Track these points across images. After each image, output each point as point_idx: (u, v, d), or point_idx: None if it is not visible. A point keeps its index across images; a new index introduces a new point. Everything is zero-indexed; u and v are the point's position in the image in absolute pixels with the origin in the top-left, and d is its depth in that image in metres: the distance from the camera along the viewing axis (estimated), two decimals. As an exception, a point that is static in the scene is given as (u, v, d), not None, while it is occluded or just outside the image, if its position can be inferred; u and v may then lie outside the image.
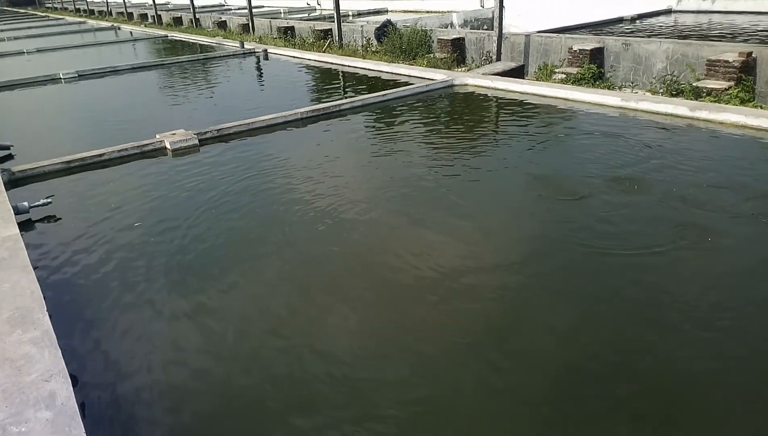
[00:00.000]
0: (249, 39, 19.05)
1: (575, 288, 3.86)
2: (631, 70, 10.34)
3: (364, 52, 14.69)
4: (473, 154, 6.58)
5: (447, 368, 3.22)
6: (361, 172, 6.32)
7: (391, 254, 4.47)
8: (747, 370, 3.03)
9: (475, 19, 20.28)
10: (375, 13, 27.00)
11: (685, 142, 6.51)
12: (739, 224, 4.45)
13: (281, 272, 4.33)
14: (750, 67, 8.56)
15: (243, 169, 6.50)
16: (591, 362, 3.19)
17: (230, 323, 3.73)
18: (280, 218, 5.18)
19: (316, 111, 8.69)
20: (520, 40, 12.34)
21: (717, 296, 3.64)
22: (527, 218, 4.98)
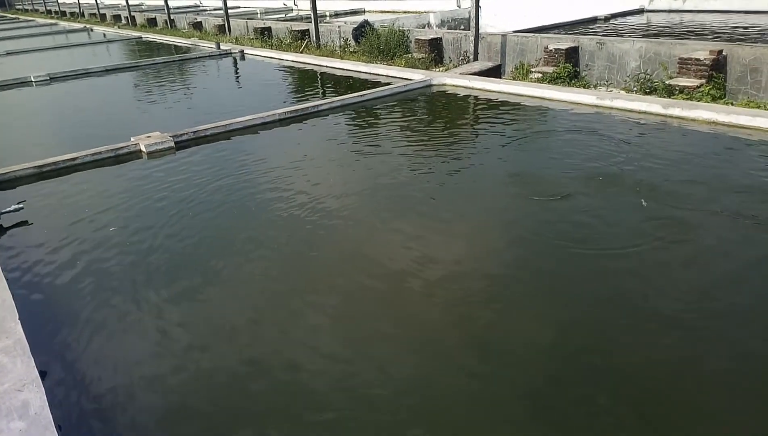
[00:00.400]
0: (225, 40, 18.87)
1: (555, 288, 3.90)
2: (606, 68, 10.49)
3: (342, 52, 14.66)
4: (452, 154, 6.60)
5: (426, 369, 3.22)
6: (339, 173, 6.30)
7: (369, 256, 4.46)
8: (726, 367, 3.09)
9: (452, 19, 20.38)
10: (352, 13, 26.96)
11: (659, 139, 6.63)
12: (714, 220, 4.54)
13: (259, 274, 4.29)
14: (721, 64, 8.75)
15: (220, 171, 6.43)
16: (571, 361, 3.21)
17: (209, 327, 3.68)
18: (257, 220, 5.14)
19: (294, 112, 8.64)
20: (497, 40, 12.44)
21: (694, 293, 3.70)
22: (506, 217, 5.01)
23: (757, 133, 6.39)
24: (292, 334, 3.58)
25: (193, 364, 3.34)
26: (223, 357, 3.39)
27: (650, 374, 3.03)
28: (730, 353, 3.16)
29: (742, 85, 8.69)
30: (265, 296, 4.02)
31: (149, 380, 3.22)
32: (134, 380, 3.22)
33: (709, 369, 3.05)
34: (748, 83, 8.63)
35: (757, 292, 3.65)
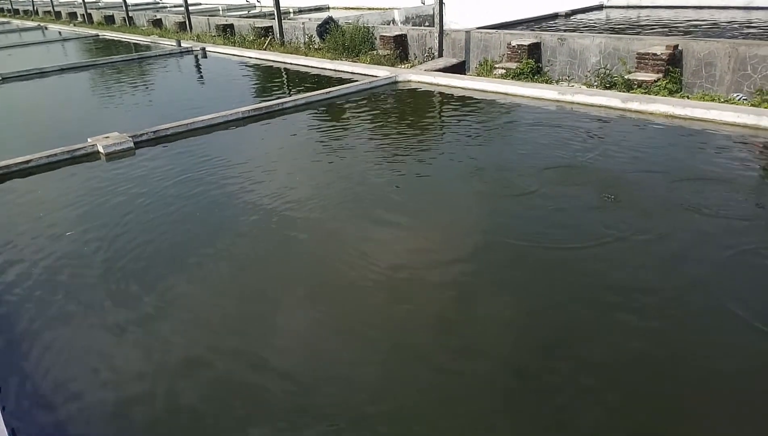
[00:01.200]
0: (186, 37, 18.49)
1: (521, 284, 3.93)
2: (567, 64, 10.66)
3: (307, 49, 14.53)
4: (418, 150, 6.61)
5: (396, 366, 3.21)
6: (305, 170, 6.23)
7: (335, 253, 4.42)
8: (688, 358, 3.17)
9: (417, 16, 20.42)
10: (316, 10, 26.74)
11: (620, 132, 6.76)
12: (673, 212, 4.65)
13: (224, 276, 4.21)
14: (677, 59, 8.99)
15: (181, 171, 6.28)
16: (539, 354, 3.25)
17: (171, 334, 3.58)
18: (221, 221, 5.04)
19: (258, 110, 8.52)
20: (461, 36, 12.50)
21: (656, 285, 3.78)
22: (472, 213, 5.04)
23: (711, 125, 6.59)
24: (258, 334, 3.51)
25: (158, 376, 3.25)
26: (185, 361, 3.31)
27: (615, 365, 3.08)
28: (693, 344, 3.24)
29: (697, 78, 8.95)
30: (230, 296, 3.95)
31: (109, 392, 3.11)
32: (93, 393, 3.11)
33: (672, 360, 3.12)
34: (702, 77, 8.89)
35: (711, 281, 3.75)
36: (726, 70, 8.63)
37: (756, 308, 3.41)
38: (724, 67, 8.63)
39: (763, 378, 2.93)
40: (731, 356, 3.08)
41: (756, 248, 4.00)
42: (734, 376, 2.95)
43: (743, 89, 8.46)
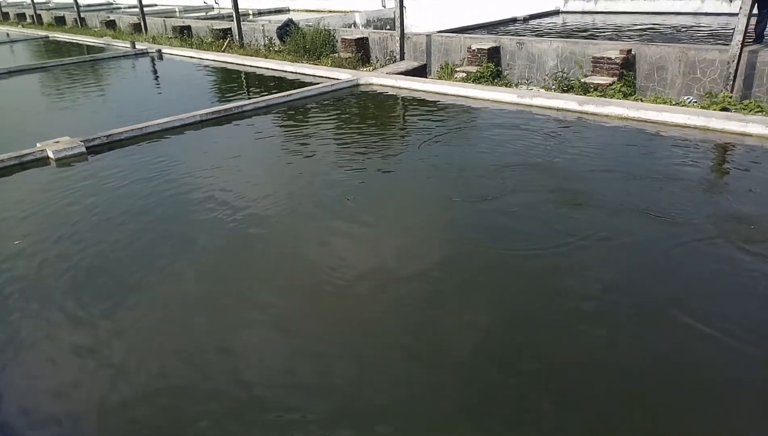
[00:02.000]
0: (141, 39, 18.00)
1: (484, 288, 3.94)
2: (526, 67, 10.84)
3: (267, 51, 14.34)
4: (379, 154, 6.58)
5: (362, 371, 3.16)
6: (265, 175, 6.12)
7: (297, 259, 4.35)
8: (648, 358, 3.23)
9: (378, 19, 20.46)
10: (276, 12, 26.49)
11: (576, 134, 6.90)
12: (628, 209, 4.75)
13: (180, 284, 4.07)
14: (630, 63, 9.26)
15: (136, 177, 6.08)
16: (505, 358, 3.26)
17: (130, 346, 3.44)
18: (178, 229, 4.89)
19: (216, 113, 8.34)
20: (422, 39, 12.58)
21: (618, 287, 3.84)
22: (434, 216, 5.03)
23: (663, 126, 6.80)
24: (223, 340, 3.41)
25: (119, 390, 3.11)
26: (157, 375, 3.18)
27: (580, 367, 3.12)
28: (653, 344, 3.30)
29: (650, 82, 9.24)
30: (187, 304, 3.82)
31: (67, 408, 2.96)
32: (48, 408, 2.95)
33: (636, 361, 3.18)
34: (655, 80, 9.18)
35: (669, 282, 3.85)
36: (677, 73, 8.94)
37: (707, 307, 3.52)
38: (675, 71, 8.94)
39: (721, 376, 3.02)
40: (693, 355, 3.15)
41: (707, 243, 4.13)
42: (694, 375, 3.02)
43: (693, 92, 8.78)
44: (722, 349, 3.15)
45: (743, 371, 3.01)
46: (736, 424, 2.71)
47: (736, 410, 2.79)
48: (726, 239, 4.20)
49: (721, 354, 3.12)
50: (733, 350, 3.13)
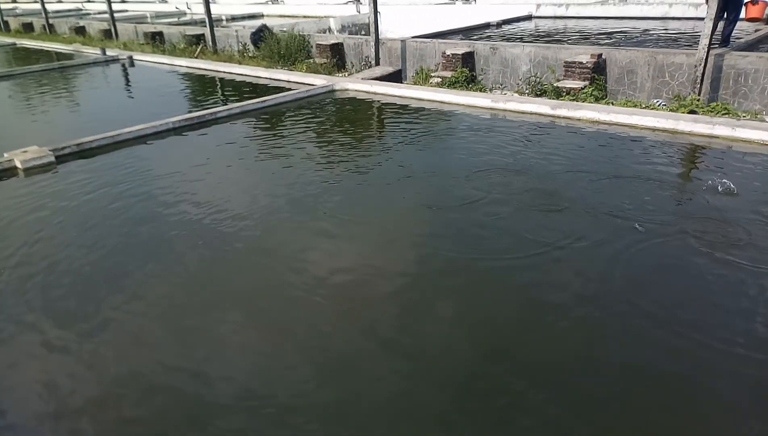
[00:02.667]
0: (112, 45, 17.70)
1: (461, 294, 3.95)
2: (500, 72, 10.96)
3: (241, 57, 14.24)
4: (355, 159, 6.57)
5: (340, 376, 3.14)
6: (239, 182, 6.06)
7: (273, 265, 4.31)
8: (625, 359, 3.27)
9: (353, 24, 20.48)
10: (250, 17, 26.31)
11: (549, 138, 6.98)
12: (601, 212, 4.82)
13: (154, 294, 3.99)
14: (601, 67, 9.43)
15: (107, 186, 5.96)
16: (482, 362, 3.27)
17: (105, 362, 3.36)
18: (151, 237, 4.80)
19: (190, 120, 8.23)
20: (397, 45, 12.63)
21: (592, 292, 3.89)
22: (410, 222, 5.03)
23: (633, 130, 6.93)
24: (198, 349, 3.35)
25: (96, 409, 3.03)
26: (134, 389, 3.11)
27: (554, 369, 3.14)
28: (630, 345, 3.35)
29: (620, 85, 9.42)
30: (161, 316, 3.75)
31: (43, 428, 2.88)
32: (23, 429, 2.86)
33: (614, 361, 3.22)
34: (625, 84, 9.37)
35: (639, 284, 3.92)
36: (646, 77, 9.13)
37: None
38: (645, 75, 9.13)
39: (693, 380, 3.07)
40: (663, 357, 3.20)
41: (669, 241, 4.22)
42: (668, 378, 3.07)
43: (662, 95, 8.98)
44: (694, 351, 3.21)
45: (720, 377, 3.07)
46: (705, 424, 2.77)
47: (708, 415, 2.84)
48: (695, 238, 4.29)
49: (692, 356, 3.18)
50: (703, 352, 3.20)
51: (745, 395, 2.89)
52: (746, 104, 8.26)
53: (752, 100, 8.23)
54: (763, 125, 6.50)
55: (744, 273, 3.82)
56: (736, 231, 4.39)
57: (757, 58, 8.20)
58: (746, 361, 3.08)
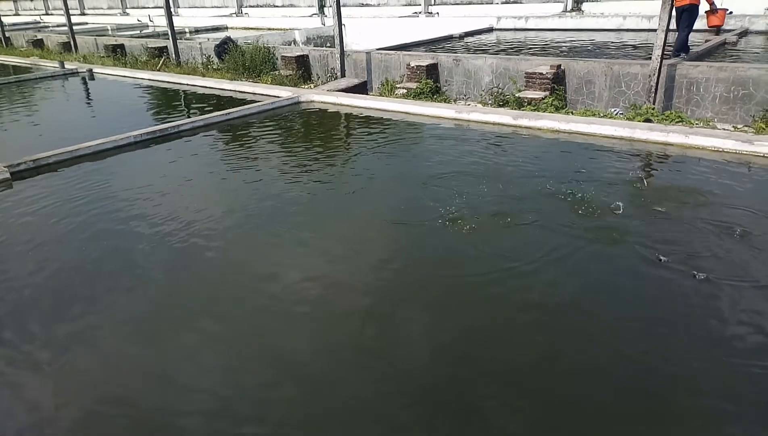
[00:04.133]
0: (71, 58, 17.33)
1: (431, 310, 3.99)
2: (464, 83, 11.15)
3: (205, 69, 14.12)
4: (321, 171, 6.57)
5: (314, 385, 3.12)
6: (203, 195, 5.98)
7: (241, 279, 4.26)
8: (594, 365, 3.35)
9: (318, 37, 20.54)
10: (214, 29, 26.13)
11: (511, 147, 7.12)
12: (562, 222, 4.94)
13: (119, 312, 3.90)
14: (560, 78, 9.69)
15: (67, 203, 5.81)
16: (450, 372, 3.30)
17: (58, 384, 3.26)
18: (116, 256, 4.69)
19: (152, 133, 8.10)
20: (362, 57, 12.72)
21: (559, 303, 3.98)
22: (376, 234, 5.06)
23: (592, 138, 7.12)
24: (170, 366, 3.28)
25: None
26: (78, 405, 3.02)
27: (521, 376, 3.19)
28: (596, 351, 3.43)
29: (579, 95, 9.69)
30: (129, 336, 3.66)
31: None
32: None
33: (588, 368, 3.29)
34: (584, 94, 9.64)
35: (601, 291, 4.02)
36: (604, 87, 9.42)
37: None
38: (602, 85, 9.42)
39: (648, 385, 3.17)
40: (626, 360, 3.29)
41: (617, 247, 4.35)
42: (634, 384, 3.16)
43: (619, 104, 9.27)
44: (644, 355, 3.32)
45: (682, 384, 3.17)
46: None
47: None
48: (645, 246, 4.44)
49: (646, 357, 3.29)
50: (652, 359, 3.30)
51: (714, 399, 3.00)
52: (699, 112, 8.59)
53: (704, 108, 8.57)
54: (715, 133, 6.77)
55: (690, 281, 3.96)
56: (689, 232, 4.55)
57: (707, 67, 8.56)
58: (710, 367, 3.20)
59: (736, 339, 3.35)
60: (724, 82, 8.31)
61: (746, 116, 8.20)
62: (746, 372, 3.08)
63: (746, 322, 3.49)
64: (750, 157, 6.13)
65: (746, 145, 6.23)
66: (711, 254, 4.21)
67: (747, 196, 5.22)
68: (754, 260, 4.11)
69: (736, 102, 8.28)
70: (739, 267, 4.04)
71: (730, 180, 5.59)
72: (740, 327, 3.45)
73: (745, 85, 8.14)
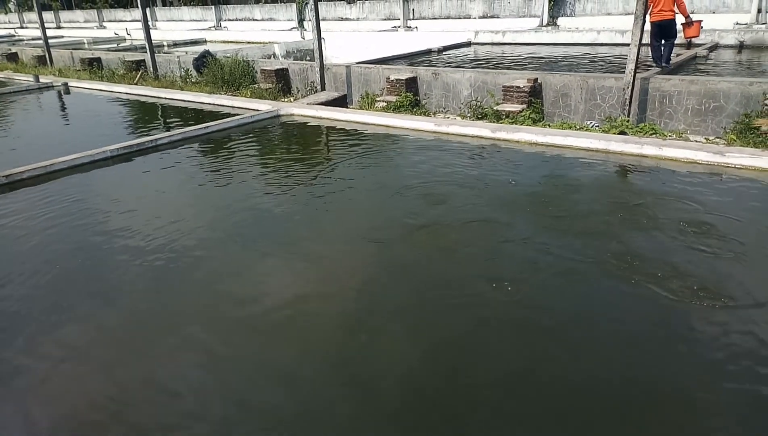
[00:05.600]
0: (46, 72, 17.09)
1: (407, 323, 3.98)
2: (443, 96, 11.25)
3: (183, 83, 14.03)
4: (301, 186, 6.54)
5: (293, 400, 3.08)
6: (180, 210, 5.91)
7: (218, 294, 4.21)
8: (560, 374, 3.37)
9: (298, 50, 20.60)
10: (192, 43, 26.03)
11: (490, 159, 7.19)
12: (536, 237, 4.99)
13: (94, 332, 3.82)
14: (537, 91, 9.83)
15: (40, 219, 5.69)
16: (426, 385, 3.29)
17: (33, 407, 3.17)
18: (92, 275, 4.59)
19: (129, 147, 8.00)
20: (342, 70, 12.77)
21: (527, 315, 4.00)
22: (354, 247, 5.04)
23: (569, 150, 7.23)
24: (147, 387, 3.21)
25: None
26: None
27: (501, 383, 3.20)
28: (561, 360, 3.45)
29: (556, 108, 9.84)
30: (104, 356, 3.58)
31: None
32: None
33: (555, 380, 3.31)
34: (560, 106, 9.79)
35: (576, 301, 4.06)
36: (579, 100, 9.58)
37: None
38: (578, 98, 9.58)
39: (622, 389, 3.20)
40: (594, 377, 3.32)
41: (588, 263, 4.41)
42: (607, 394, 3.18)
43: (595, 117, 9.44)
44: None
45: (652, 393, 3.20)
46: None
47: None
48: (618, 263, 4.50)
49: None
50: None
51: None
52: (672, 124, 8.79)
53: (677, 121, 8.77)
54: (687, 144, 6.92)
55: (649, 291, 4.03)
56: (662, 238, 4.63)
57: (679, 81, 8.77)
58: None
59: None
60: (695, 95, 8.52)
61: (718, 128, 8.40)
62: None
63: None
64: (722, 168, 6.27)
65: (718, 156, 6.38)
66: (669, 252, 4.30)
67: (720, 202, 5.34)
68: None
69: (707, 114, 8.49)
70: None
71: (704, 188, 5.71)
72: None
73: (716, 98, 8.36)
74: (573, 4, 20.34)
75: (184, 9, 35.14)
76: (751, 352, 3.30)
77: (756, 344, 3.36)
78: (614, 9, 19.44)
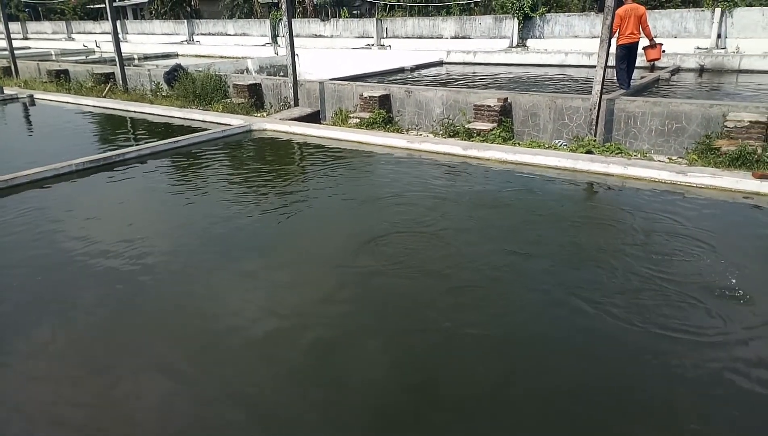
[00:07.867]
0: (11, 84, 16.68)
1: (384, 340, 3.97)
2: (415, 114, 11.36)
3: (153, 97, 13.85)
4: (271, 201, 6.50)
5: (273, 415, 3.03)
6: (147, 225, 5.80)
7: (189, 312, 4.13)
8: (535, 386, 3.39)
9: (271, 66, 20.58)
10: (164, 57, 25.77)
11: (460, 177, 7.27)
12: (502, 253, 5.06)
13: (58, 353, 3.70)
14: (507, 110, 10.01)
15: (1, 235, 5.51)
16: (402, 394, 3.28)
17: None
18: (56, 290, 4.46)
19: (96, 161, 7.83)
20: (315, 87, 12.81)
21: (501, 331, 4.04)
22: (330, 264, 5.02)
23: (538, 168, 7.37)
24: (113, 405, 3.11)
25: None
26: None
27: (475, 395, 3.21)
28: (541, 374, 3.48)
29: (525, 127, 10.03)
30: (68, 377, 3.46)
31: None
32: None
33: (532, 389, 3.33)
34: (530, 126, 9.99)
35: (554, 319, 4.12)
36: (548, 119, 9.79)
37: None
38: (546, 117, 9.79)
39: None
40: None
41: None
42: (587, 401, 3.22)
43: (563, 136, 9.64)
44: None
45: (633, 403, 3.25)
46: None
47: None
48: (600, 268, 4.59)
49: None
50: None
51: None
52: (636, 144, 9.04)
53: (641, 141, 9.03)
54: (651, 164, 7.13)
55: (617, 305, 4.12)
56: (632, 248, 4.74)
57: (643, 102, 9.05)
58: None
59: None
60: (659, 116, 8.80)
61: (680, 148, 8.68)
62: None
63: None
64: (684, 187, 6.47)
65: (680, 176, 6.58)
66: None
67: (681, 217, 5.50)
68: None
69: (670, 135, 8.76)
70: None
71: (666, 206, 5.88)
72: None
73: (678, 119, 8.64)
74: (542, 27, 20.88)
75: (155, 22, 34.84)
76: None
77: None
78: (581, 32, 20.01)
